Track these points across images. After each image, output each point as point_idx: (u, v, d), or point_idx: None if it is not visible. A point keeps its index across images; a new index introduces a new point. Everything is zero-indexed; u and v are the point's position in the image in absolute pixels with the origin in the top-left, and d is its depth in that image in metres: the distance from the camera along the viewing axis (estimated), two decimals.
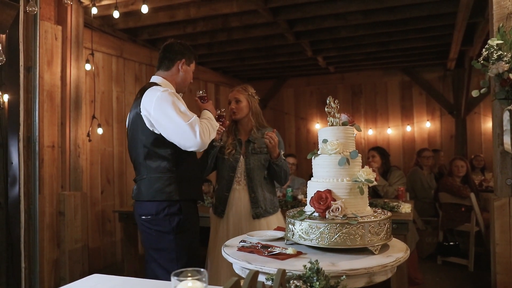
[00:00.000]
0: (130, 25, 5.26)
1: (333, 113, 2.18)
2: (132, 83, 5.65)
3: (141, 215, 2.40)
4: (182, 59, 2.50)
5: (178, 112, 2.24)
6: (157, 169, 2.34)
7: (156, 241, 2.37)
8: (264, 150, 2.82)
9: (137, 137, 2.38)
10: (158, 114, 2.25)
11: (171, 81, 2.49)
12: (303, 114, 8.56)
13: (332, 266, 1.76)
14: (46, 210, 4.24)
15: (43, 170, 4.21)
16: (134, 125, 2.39)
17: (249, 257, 1.94)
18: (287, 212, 2.17)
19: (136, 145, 2.39)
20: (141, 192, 2.39)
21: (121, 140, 5.43)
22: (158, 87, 2.35)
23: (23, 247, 4.05)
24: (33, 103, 4.14)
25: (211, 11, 4.91)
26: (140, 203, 2.41)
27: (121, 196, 5.41)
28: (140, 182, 2.41)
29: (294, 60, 7.06)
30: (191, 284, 1.17)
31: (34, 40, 4.17)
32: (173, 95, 2.31)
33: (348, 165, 2.03)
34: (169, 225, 2.33)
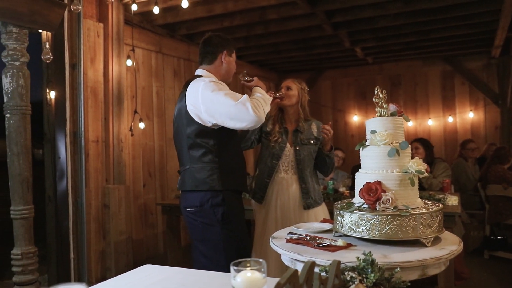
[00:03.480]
0: (169, 21, 5.32)
1: (381, 104, 2.14)
2: (171, 78, 5.72)
3: (186, 207, 2.41)
4: (224, 51, 2.50)
5: (225, 95, 2.24)
6: (200, 159, 2.35)
7: (202, 233, 2.38)
8: (312, 142, 2.82)
9: (181, 129, 2.40)
10: (207, 102, 2.26)
11: (216, 73, 2.49)
12: (341, 106, 8.46)
13: (384, 258, 1.73)
14: (92, 203, 4.36)
15: (89, 164, 4.32)
16: (179, 118, 2.42)
17: (299, 248, 1.93)
18: (335, 204, 2.15)
19: (181, 137, 2.42)
20: (185, 183, 2.41)
21: (161, 135, 5.52)
22: (201, 78, 2.37)
23: (71, 239, 4.19)
24: (78, 99, 4.26)
25: (249, 4, 4.90)
26: (184, 194, 2.43)
27: (162, 189, 5.50)
28: (184, 173, 2.43)
29: (332, 51, 6.97)
30: (250, 274, 1.18)
31: (78, 38, 4.28)
32: (216, 82, 2.32)
33: (398, 156, 1.99)
34: (214, 216, 2.34)
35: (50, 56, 3.69)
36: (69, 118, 4.23)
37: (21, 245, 2.55)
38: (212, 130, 2.33)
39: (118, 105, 4.62)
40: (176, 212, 4.23)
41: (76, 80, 4.30)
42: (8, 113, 2.51)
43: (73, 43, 4.31)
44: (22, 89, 2.51)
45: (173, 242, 4.33)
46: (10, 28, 2.49)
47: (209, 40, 2.53)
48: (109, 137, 4.55)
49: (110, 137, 4.55)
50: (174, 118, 2.55)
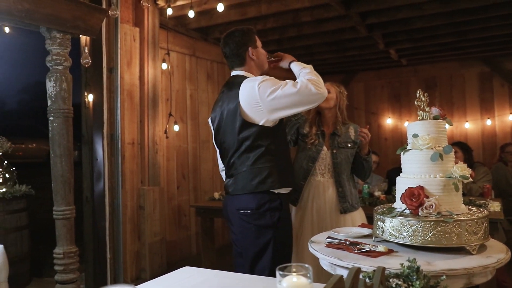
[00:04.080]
0: (202, 24, 5.37)
1: (423, 107, 2.09)
2: (204, 80, 5.77)
3: (239, 209, 2.36)
4: (248, 48, 2.46)
5: (283, 88, 2.22)
6: (257, 161, 2.31)
7: (255, 236, 2.33)
8: (349, 145, 2.79)
9: (233, 131, 2.36)
10: (270, 102, 2.23)
11: (252, 71, 2.47)
12: (374, 108, 8.34)
13: (428, 266, 1.69)
14: (127, 204, 4.44)
15: (124, 166, 4.40)
16: (230, 120, 2.37)
17: (339, 253, 1.91)
18: (375, 209, 2.12)
19: (231, 140, 2.37)
20: (240, 185, 2.36)
21: (195, 137, 5.57)
22: (251, 79, 2.35)
23: (108, 239, 4.28)
24: (115, 102, 4.35)
25: (282, 7, 4.89)
26: (238, 197, 2.37)
27: (195, 191, 5.55)
28: (239, 175, 2.37)
29: (365, 53, 6.88)
30: (295, 279, 1.17)
31: (116, 42, 4.38)
32: (268, 80, 2.29)
33: (441, 160, 1.94)
34: (270, 220, 2.31)
35: (89, 60, 3.78)
36: (106, 120, 4.32)
37: (63, 244, 2.61)
38: (269, 130, 2.31)
39: (153, 108, 4.69)
40: (210, 214, 4.25)
41: (113, 83, 4.39)
42: (51, 116, 2.58)
43: (110, 47, 4.41)
44: (65, 93, 2.58)
45: (207, 244, 4.36)
46: (54, 33, 2.57)
47: (228, 44, 2.48)
48: (145, 140, 4.63)
49: (145, 139, 4.63)
50: (217, 122, 2.49)
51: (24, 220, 4.75)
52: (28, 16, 2.40)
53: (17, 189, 4.74)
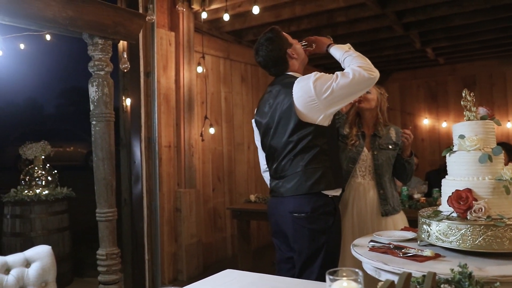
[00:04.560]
0: (236, 27, 5.39)
1: (470, 107, 2.02)
2: (239, 83, 5.80)
3: (293, 212, 2.30)
4: (286, 49, 2.40)
5: (336, 80, 2.20)
6: (312, 161, 2.27)
7: (308, 240, 2.28)
8: (390, 147, 2.73)
9: (286, 131, 2.31)
10: (329, 96, 2.20)
11: (297, 69, 2.45)
12: (410, 109, 8.16)
13: (480, 271, 1.63)
14: (164, 206, 4.50)
15: (161, 169, 4.46)
16: (283, 121, 2.33)
17: (384, 258, 1.87)
18: (420, 212, 2.06)
19: (285, 140, 2.32)
20: (294, 187, 2.30)
21: (230, 140, 5.59)
22: (304, 77, 2.31)
23: (146, 241, 4.34)
24: (152, 106, 4.42)
25: (317, 8, 4.86)
26: (291, 199, 2.32)
27: (230, 194, 5.57)
28: (292, 177, 2.32)
29: (401, 53, 6.75)
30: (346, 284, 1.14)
31: (152, 47, 4.45)
32: (320, 77, 2.25)
33: (490, 162, 1.87)
34: (324, 224, 2.27)
35: (128, 65, 3.86)
36: (143, 124, 4.40)
37: (105, 246, 2.66)
38: (324, 129, 2.28)
39: (189, 111, 4.74)
40: (247, 216, 4.26)
41: (150, 87, 4.47)
42: (94, 120, 2.64)
43: (147, 52, 4.49)
44: (106, 97, 2.64)
45: (243, 246, 4.37)
46: (96, 40, 2.63)
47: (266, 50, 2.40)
48: (181, 142, 4.68)
49: (181, 142, 4.68)
50: (265, 123, 2.45)
51: (65, 221, 4.89)
52: (72, 24, 2.47)
53: (58, 191, 4.89)
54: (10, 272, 1.99)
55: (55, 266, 2.10)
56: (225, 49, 5.57)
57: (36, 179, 4.87)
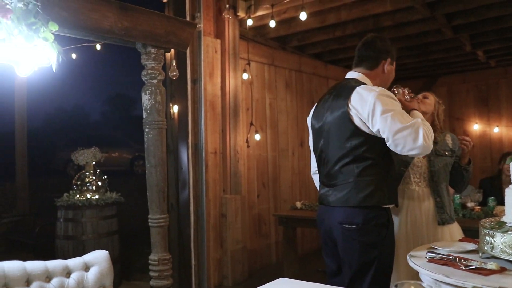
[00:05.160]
0: (281, 33, 5.40)
1: None
2: (283, 89, 5.79)
3: (342, 223, 2.22)
4: (388, 58, 2.35)
5: (393, 115, 2.09)
6: (365, 172, 2.19)
7: (358, 253, 2.20)
8: (447, 153, 2.64)
9: (341, 138, 2.24)
10: (377, 116, 2.11)
11: (373, 80, 2.36)
12: (459, 114, 7.89)
13: None
14: (210, 212, 4.54)
15: (208, 175, 4.51)
16: (338, 126, 2.26)
17: (445, 270, 1.80)
18: (481, 222, 1.98)
19: (339, 147, 2.25)
20: (344, 197, 2.22)
21: (274, 146, 5.59)
22: (368, 87, 2.22)
23: (193, 246, 4.39)
24: (199, 112, 4.48)
25: (363, 12, 4.80)
26: (340, 209, 2.24)
27: (275, 200, 5.56)
28: (342, 187, 2.24)
29: (450, 56, 6.56)
30: None
31: (199, 54, 4.52)
32: (388, 97, 2.17)
33: None
34: (376, 237, 2.18)
35: (177, 73, 3.93)
36: (190, 130, 4.47)
37: (157, 251, 2.70)
38: (380, 140, 2.17)
39: (235, 117, 4.77)
40: (293, 223, 4.23)
41: (197, 94, 4.54)
42: (147, 127, 2.69)
43: (194, 59, 4.57)
44: (159, 105, 2.68)
45: (289, 253, 4.34)
46: (149, 49, 2.68)
47: (372, 43, 2.38)
48: (226, 149, 4.71)
49: (227, 148, 4.72)
50: (319, 126, 2.40)
51: (114, 225, 5.02)
52: (127, 34, 2.53)
53: (108, 196, 5.03)
54: (71, 276, 2.06)
55: (112, 271, 2.16)
56: (269, 56, 5.59)
57: (87, 184, 5.03)
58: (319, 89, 6.45)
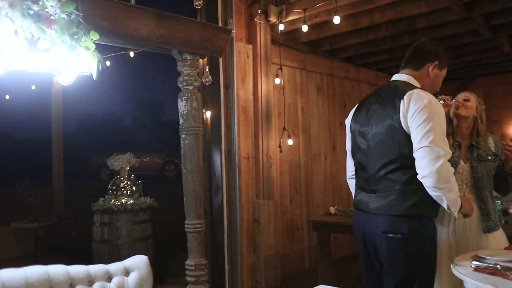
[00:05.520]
0: (312, 38, 5.38)
1: None
2: (315, 94, 5.76)
3: (386, 232, 2.15)
4: (435, 61, 2.30)
5: (428, 131, 2.03)
6: (412, 180, 2.10)
7: (403, 264, 2.14)
8: (490, 158, 2.55)
9: (387, 144, 2.19)
10: (414, 122, 2.08)
11: (420, 80, 2.31)
12: (496, 116, 7.66)
13: None
14: (244, 217, 4.53)
15: (241, 180, 4.51)
16: (384, 132, 2.20)
17: (493, 280, 1.74)
18: None
19: (385, 153, 2.20)
20: (388, 205, 2.15)
21: (307, 151, 5.55)
22: (421, 93, 2.16)
23: (226, 251, 4.40)
24: (232, 118, 4.50)
25: (397, 14, 4.73)
26: (384, 217, 2.17)
27: (308, 205, 5.52)
28: (387, 194, 2.17)
29: (486, 57, 6.38)
30: None
31: (231, 60, 4.54)
32: (439, 110, 2.12)
33: None
34: (423, 247, 2.13)
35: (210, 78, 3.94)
36: (224, 136, 4.49)
37: (194, 257, 2.72)
38: None
39: (267, 122, 4.76)
40: (327, 229, 4.18)
41: (230, 100, 4.56)
42: (183, 133, 2.72)
43: (226, 65, 4.59)
44: (195, 111, 2.71)
45: (323, 259, 4.28)
46: (185, 55, 2.71)
47: (423, 45, 2.36)
48: (259, 154, 4.71)
49: (259, 153, 4.71)
50: (360, 128, 2.36)
51: (148, 230, 5.08)
52: (164, 41, 2.57)
53: (142, 201, 5.10)
54: (112, 280, 2.09)
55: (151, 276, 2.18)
56: (301, 60, 5.57)
57: (122, 189, 5.12)
58: (351, 93, 6.38)
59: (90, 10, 2.28)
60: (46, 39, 2.01)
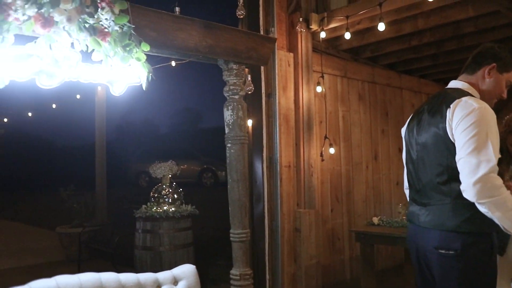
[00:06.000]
0: (354, 45, 5.31)
1: None
2: (356, 101, 5.67)
3: (438, 248, 2.05)
4: (492, 63, 2.13)
5: (477, 138, 1.92)
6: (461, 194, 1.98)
7: (456, 282, 2.03)
8: None
9: (437, 155, 2.09)
10: (458, 130, 1.99)
11: (474, 86, 2.18)
12: None
13: None
14: (285, 226, 4.50)
15: (282, 189, 4.48)
16: (435, 142, 2.11)
17: None
18: None
19: (436, 165, 2.10)
20: (439, 220, 2.06)
21: (348, 159, 5.47)
22: (472, 100, 2.04)
23: (267, 260, 4.37)
24: (274, 126, 4.48)
25: (442, 20, 4.60)
26: (435, 232, 2.08)
27: (349, 215, 5.43)
28: (437, 208, 2.08)
29: None
30: None
31: (273, 69, 4.54)
32: (488, 117, 1.99)
33: None
34: (478, 265, 2.01)
35: (252, 87, 3.96)
36: (265, 144, 4.48)
37: (239, 266, 2.71)
38: None
39: (308, 130, 4.72)
40: (371, 239, 4.09)
41: (271, 108, 4.55)
42: (229, 143, 2.73)
43: (268, 73, 4.59)
44: (241, 121, 2.71)
45: (366, 270, 4.20)
46: (231, 65, 2.73)
47: (482, 48, 2.23)
48: (300, 162, 4.67)
49: (301, 162, 4.67)
50: (413, 138, 2.27)
51: (189, 237, 5.12)
52: (211, 51, 2.59)
53: (184, 208, 5.15)
54: None
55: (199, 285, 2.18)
56: (342, 68, 5.50)
57: (164, 197, 5.18)
58: (393, 100, 6.25)
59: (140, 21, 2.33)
60: (100, 51, 2.07)
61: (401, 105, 6.38)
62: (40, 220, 11.24)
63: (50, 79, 2.07)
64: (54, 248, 7.45)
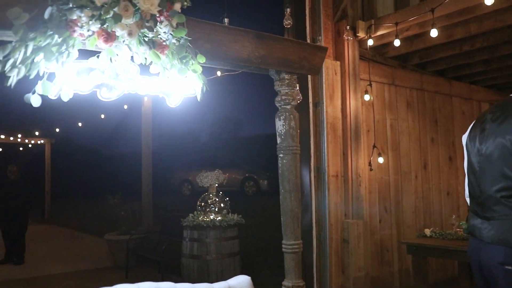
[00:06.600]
0: (402, 52, 5.20)
1: None
2: (404, 109, 5.54)
3: (504, 264, 1.99)
4: None
5: None
6: None
7: None
8: None
9: (500, 166, 2.03)
10: None
11: None
12: None
13: None
14: (332, 237, 4.43)
15: (329, 199, 4.42)
16: (500, 152, 2.05)
17: None
18: None
19: (500, 177, 2.04)
20: (503, 236, 2.00)
21: (396, 169, 5.34)
22: None
23: (315, 271, 4.31)
24: (321, 135, 4.44)
25: (496, 24, 4.43)
26: (498, 248, 2.02)
27: (398, 226, 5.28)
28: (501, 223, 2.02)
29: None
30: None
31: (320, 77, 4.50)
32: None
33: None
34: None
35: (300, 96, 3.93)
36: (313, 153, 4.44)
37: (291, 277, 2.68)
38: None
39: (356, 139, 4.65)
40: (424, 252, 3.96)
41: (319, 117, 4.51)
42: (281, 153, 2.72)
43: (315, 82, 4.57)
44: (293, 131, 2.70)
45: (419, 284, 4.06)
46: (283, 75, 2.72)
47: None
48: (348, 172, 4.60)
49: (348, 171, 4.60)
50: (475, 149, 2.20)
51: (236, 246, 5.14)
52: (263, 62, 2.59)
53: (230, 217, 5.18)
54: None
55: None
56: (389, 75, 5.40)
57: (211, 206, 5.23)
58: (442, 108, 6.07)
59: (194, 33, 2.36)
60: (158, 64, 2.11)
61: (451, 112, 6.18)
62: (89, 226, 11.61)
63: (110, 91, 2.13)
64: (102, 254, 7.66)
